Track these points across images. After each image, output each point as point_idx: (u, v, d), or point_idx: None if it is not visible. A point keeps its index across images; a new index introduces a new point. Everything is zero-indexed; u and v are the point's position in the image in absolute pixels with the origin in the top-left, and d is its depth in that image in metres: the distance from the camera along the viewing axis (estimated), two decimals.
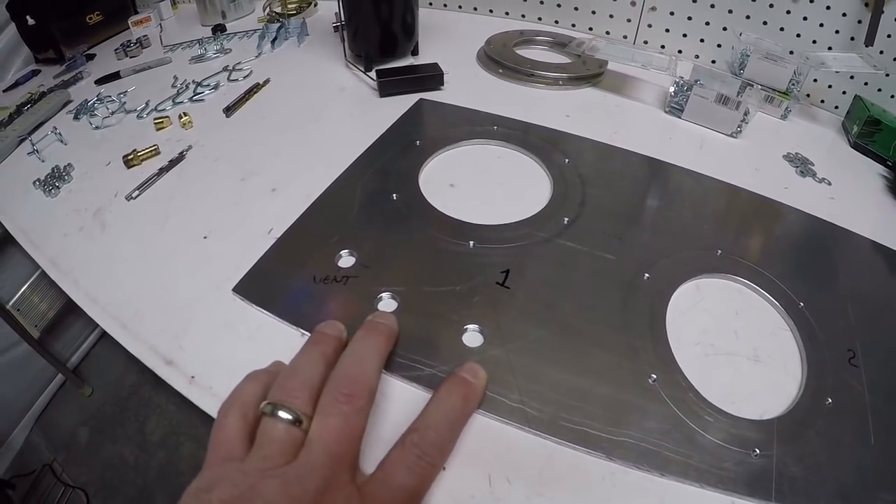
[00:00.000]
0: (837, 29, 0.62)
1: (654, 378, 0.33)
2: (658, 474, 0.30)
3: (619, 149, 0.51)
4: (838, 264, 0.43)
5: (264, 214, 0.43)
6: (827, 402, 0.34)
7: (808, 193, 0.51)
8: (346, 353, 0.28)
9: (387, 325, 0.31)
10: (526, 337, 0.33)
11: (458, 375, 0.30)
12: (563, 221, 0.42)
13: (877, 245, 0.46)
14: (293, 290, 0.36)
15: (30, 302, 1.00)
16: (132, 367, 1.14)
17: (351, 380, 0.26)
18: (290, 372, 0.27)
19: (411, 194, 0.44)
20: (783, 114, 0.64)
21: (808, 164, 0.57)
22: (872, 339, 0.38)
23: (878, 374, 0.36)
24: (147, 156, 0.52)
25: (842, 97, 0.66)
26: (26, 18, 0.73)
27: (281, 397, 0.25)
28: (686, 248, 0.42)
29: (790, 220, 0.47)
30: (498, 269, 0.37)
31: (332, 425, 0.24)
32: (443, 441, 0.27)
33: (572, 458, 0.30)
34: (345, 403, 0.25)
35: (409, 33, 0.64)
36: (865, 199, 0.52)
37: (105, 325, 0.37)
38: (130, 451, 1.03)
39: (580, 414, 0.31)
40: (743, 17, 0.67)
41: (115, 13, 0.83)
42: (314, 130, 0.55)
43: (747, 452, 0.31)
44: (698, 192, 0.48)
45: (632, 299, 0.37)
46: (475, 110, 0.55)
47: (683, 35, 0.71)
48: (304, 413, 0.24)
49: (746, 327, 0.38)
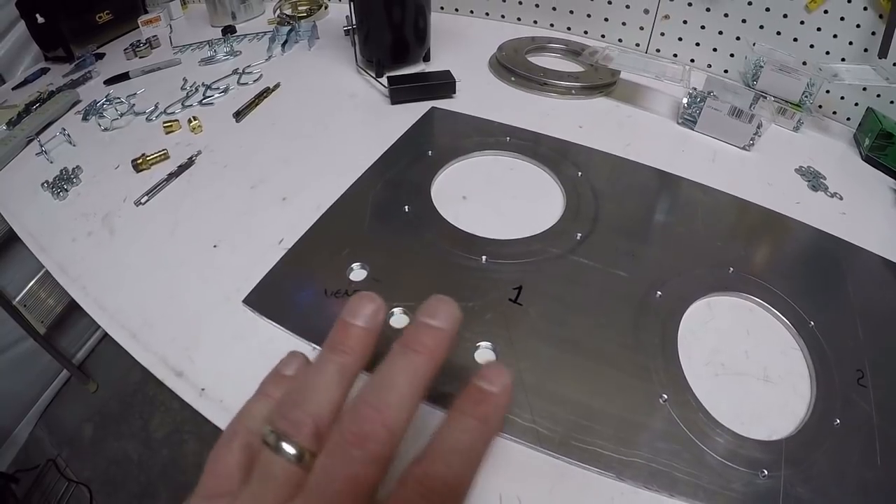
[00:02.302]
0: (851, 40, 0.61)
1: (666, 398, 0.33)
2: (667, 495, 0.30)
3: (631, 161, 0.51)
4: (848, 281, 0.43)
5: (274, 224, 0.43)
6: (835, 423, 0.33)
7: (819, 208, 0.51)
8: (372, 376, 0.22)
9: (436, 335, 0.22)
10: (538, 355, 0.33)
11: (476, 386, 0.22)
12: (575, 237, 0.41)
13: (887, 262, 0.45)
14: (304, 303, 0.36)
15: (37, 298, 1.01)
16: (137, 364, 1.14)
17: (367, 418, 0.20)
18: (298, 394, 0.22)
19: (423, 206, 0.43)
20: (796, 126, 0.63)
21: (820, 177, 0.56)
22: (881, 358, 0.38)
23: (885, 394, 0.36)
24: (156, 160, 0.52)
25: (854, 109, 0.66)
26: (36, 16, 0.73)
27: (285, 428, 0.21)
28: (698, 265, 0.41)
29: (801, 237, 0.47)
30: (510, 285, 0.37)
31: (337, 471, 0.19)
32: (456, 475, 0.20)
33: (583, 477, 0.30)
34: (356, 447, 0.19)
35: (421, 39, 0.63)
36: (877, 214, 0.52)
37: (114, 335, 0.37)
38: (134, 447, 1.04)
39: (591, 434, 0.31)
40: (756, 27, 0.66)
41: (124, 12, 0.83)
42: (324, 138, 0.54)
43: (755, 473, 0.31)
44: (710, 206, 0.48)
45: (644, 318, 0.37)
46: (488, 120, 0.55)
47: (696, 44, 0.70)
48: (309, 449, 0.20)
49: (757, 347, 0.38)
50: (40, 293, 1.02)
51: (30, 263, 0.97)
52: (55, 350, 1.06)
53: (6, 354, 1.00)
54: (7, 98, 0.70)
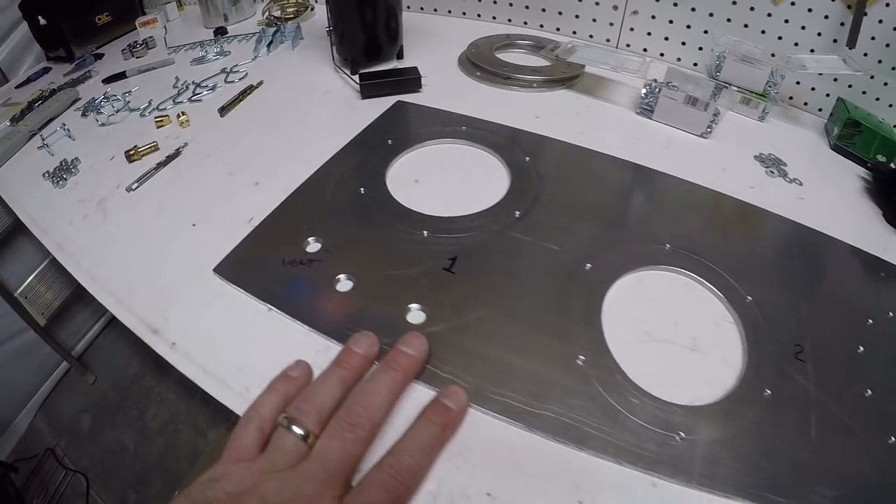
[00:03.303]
0: (819, 31, 0.65)
1: (583, 359, 0.37)
2: (576, 448, 0.33)
3: (581, 148, 0.57)
4: (797, 262, 0.46)
5: (246, 205, 0.50)
6: (765, 394, 0.36)
7: (776, 193, 0.54)
8: (362, 383, 0.34)
9: (411, 356, 0.35)
10: (465, 316, 0.39)
11: (441, 403, 0.33)
12: (514, 215, 0.48)
13: (845, 245, 0.48)
14: (264, 270, 0.43)
15: (37, 291, 1.09)
16: (135, 356, 1.23)
17: (357, 412, 0.31)
18: (309, 394, 0.32)
19: (378, 189, 0.50)
20: (761, 115, 0.67)
21: (781, 164, 0.60)
22: (825, 334, 0.40)
23: (825, 369, 0.38)
24: (147, 151, 0.60)
25: (826, 100, 0.69)
26: (38, 18, 0.81)
27: (296, 415, 0.30)
28: (633, 241, 0.46)
29: (750, 218, 0.50)
30: (446, 256, 0.43)
31: (333, 447, 0.29)
32: (418, 466, 0.31)
33: (496, 427, 0.34)
34: (348, 431, 0.30)
35: (393, 38, 0.71)
36: (839, 200, 0.55)
37: (102, 300, 0.45)
38: (130, 437, 1.11)
39: (506, 387, 0.35)
40: (724, 20, 0.70)
41: (123, 14, 0.91)
42: (298, 130, 0.62)
43: (671, 435, 0.33)
44: (654, 188, 0.53)
45: (570, 287, 0.41)
46: (448, 111, 0.62)
47: (665, 38, 0.75)
48: (313, 432, 0.30)
49: (687, 318, 0.41)
50: (40, 287, 1.10)
51: (31, 257, 1.04)
52: (55, 342, 1.13)
53: (7, 346, 1.06)
54: (10, 96, 0.79)
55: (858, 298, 0.44)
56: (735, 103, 0.68)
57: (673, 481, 0.32)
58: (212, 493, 0.27)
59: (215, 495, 0.27)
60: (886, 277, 0.46)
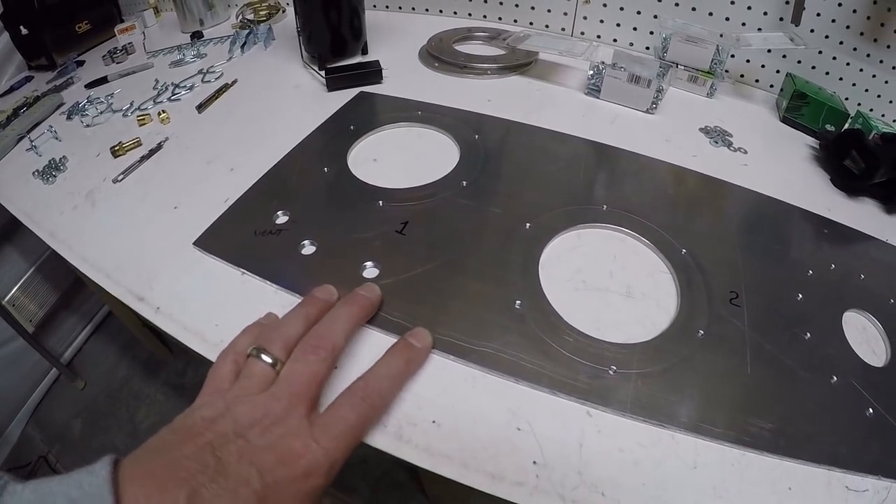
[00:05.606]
0: (765, 10, 0.73)
1: (520, 304, 0.43)
2: (512, 380, 0.38)
3: (528, 125, 0.65)
4: (734, 219, 0.52)
5: (223, 188, 0.58)
6: (699, 334, 0.40)
7: (720, 161, 0.61)
8: (325, 316, 0.39)
9: (367, 296, 0.41)
10: (413, 270, 0.46)
11: (406, 340, 0.39)
12: (461, 184, 0.56)
13: (788, 205, 0.54)
14: (238, 241, 0.51)
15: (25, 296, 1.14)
16: (123, 360, 1.30)
17: (320, 336, 0.36)
18: (276, 326, 0.37)
19: (339, 167, 0.59)
20: (709, 92, 0.76)
21: (727, 135, 0.68)
22: (762, 284, 0.45)
23: (760, 312, 0.42)
24: (131, 147, 0.68)
25: (776, 76, 0.77)
26: (20, 28, 0.87)
27: (264, 344, 0.35)
28: (571, 204, 0.53)
29: (689, 182, 0.57)
30: (399, 220, 0.51)
31: (298, 369, 0.34)
32: (384, 389, 0.36)
33: (440, 363, 0.40)
34: (311, 353, 0.34)
35: (357, 35, 0.80)
36: (785, 167, 0.61)
37: (92, 276, 0.52)
38: (121, 439, 1.18)
39: (448, 328, 0.41)
40: (672, 4, 0.79)
41: (102, 22, 0.99)
42: (270, 121, 0.70)
43: (604, 369, 0.38)
44: (595, 158, 0.60)
45: (510, 243, 0.49)
46: (406, 99, 0.70)
47: (617, 24, 0.84)
48: (280, 359, 0.34)
49: (622, 269, 0.47)
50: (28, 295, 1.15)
51: (18, 265, 1.10)
52: (44, 349, 1.18)
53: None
54: None
55: (799, 252, 0.50)
56: (683, 81, 0.76)
57: (608, 410, 0.36)
58: (190, 421, 0.31)
59: (193, 422, 0.30)
60: (830, 234, 0.53)
